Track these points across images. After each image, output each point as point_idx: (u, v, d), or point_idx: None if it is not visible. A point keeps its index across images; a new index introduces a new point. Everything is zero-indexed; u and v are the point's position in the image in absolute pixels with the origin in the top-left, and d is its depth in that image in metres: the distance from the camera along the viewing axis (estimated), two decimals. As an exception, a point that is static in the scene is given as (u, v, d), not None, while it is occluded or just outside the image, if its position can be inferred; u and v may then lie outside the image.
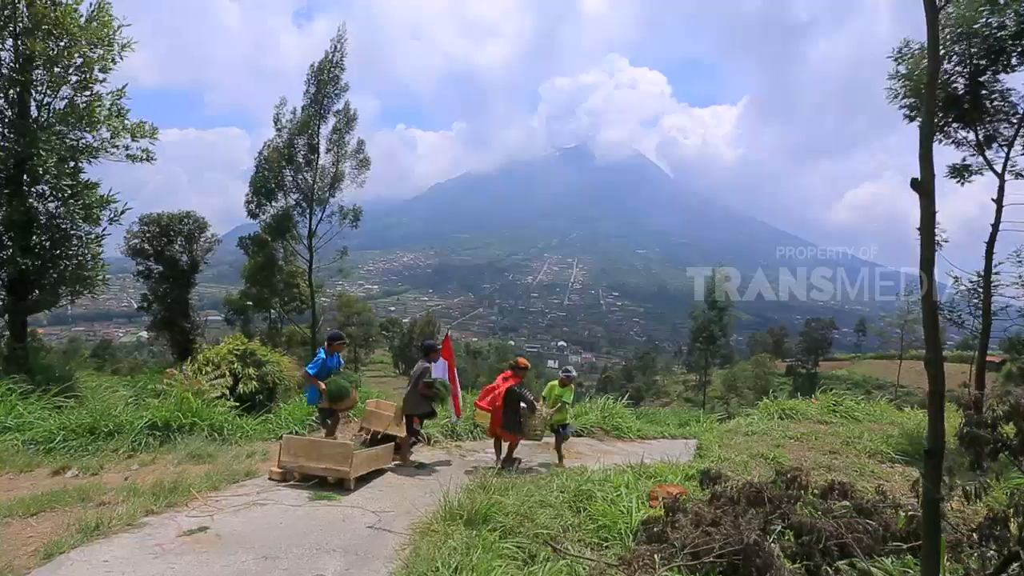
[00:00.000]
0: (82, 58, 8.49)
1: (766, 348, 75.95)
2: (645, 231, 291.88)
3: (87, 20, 8.44)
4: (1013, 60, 7.71)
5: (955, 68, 8.01)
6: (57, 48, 8.04)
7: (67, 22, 7.89)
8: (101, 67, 8.67)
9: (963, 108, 8.02)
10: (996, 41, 7.52)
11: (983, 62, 7.82)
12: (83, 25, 8.35)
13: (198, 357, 11.72)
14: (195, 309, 20.63)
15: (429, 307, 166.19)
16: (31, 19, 7.79)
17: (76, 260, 8.80)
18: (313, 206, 13.11)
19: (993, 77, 7.89)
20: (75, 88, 8.67)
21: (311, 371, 5.92)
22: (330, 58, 12.70)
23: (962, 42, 7.87)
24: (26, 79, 7.88)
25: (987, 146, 8.10)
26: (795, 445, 7.48)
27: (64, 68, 8.26)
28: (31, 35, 7.77)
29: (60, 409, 7.00)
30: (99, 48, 8.61)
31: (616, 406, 11.31)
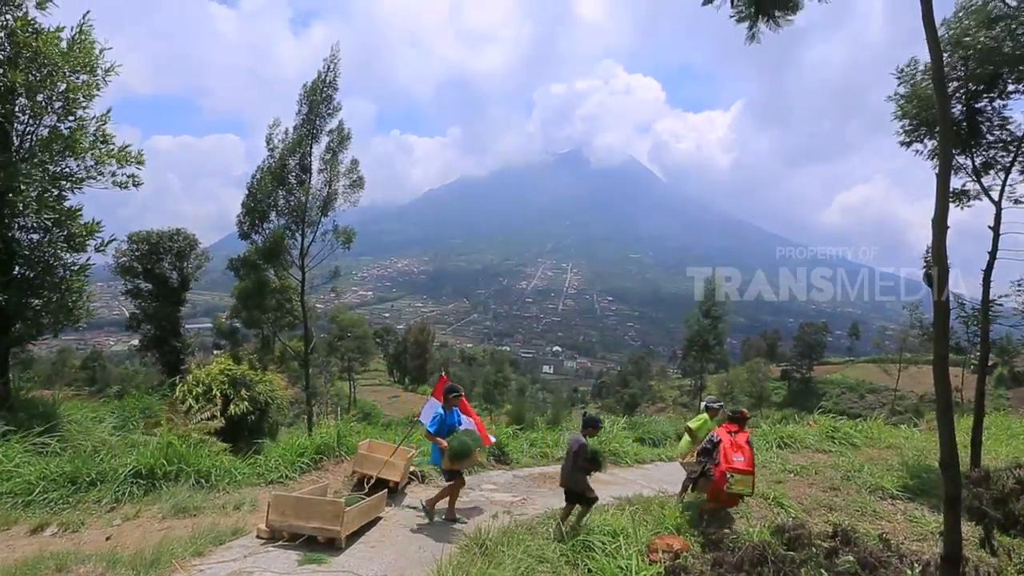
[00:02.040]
0: (65, 84, 8.30)
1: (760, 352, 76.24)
2: (639, 236, 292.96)
3: (69, 46, 8.24)
4: (1009, 86, 7.69)
5: (952, 93, 7.97)
6: (39, 76, 7.83)
7: (48, 50, 7.69)
8: (85, 93, 8.46)
9: (960, 134, 7.99)
10: (992, 65, 7.49)
11: (980, 87, 7.80)
12: (65, 51, 8.15)
13: (187, 378, 11.53)
14: (185, 327, 20.36)
15: (424, 313, 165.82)
16: (12, 48, 7.59)
17: (60, 291, 8.56)
18: (305, 228, 12.91)
19: (990, 103, 7.87)
20: (59, 114, 8.46)
21: (431, 429, 5.60)
22: (323, 78, 12.55)
23: (959, 67, 7.84)
24: (7, 110, 7.67)
25: (984, 172, 8.07)
26: (795, 480, 7.37)
27: (47, 97, 8.05)
28: (12, 65, 7.57)
29: (42, 453, 6.78)
30: (82, 74, 8.42)
31: (613, 429, 11.20)
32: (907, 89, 8.48)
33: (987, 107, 7.94)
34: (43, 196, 7.96)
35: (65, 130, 8.44)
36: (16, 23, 7.53)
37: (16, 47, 7.58)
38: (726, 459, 5.57)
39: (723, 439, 5.71)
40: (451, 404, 5.89)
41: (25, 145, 8.15)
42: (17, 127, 8.01)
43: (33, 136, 8.28)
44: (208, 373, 11.49)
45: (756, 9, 4.15)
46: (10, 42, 7.55)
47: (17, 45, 7.58)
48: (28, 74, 7.64)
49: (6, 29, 7.52)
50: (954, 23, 7.78)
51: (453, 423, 5.79)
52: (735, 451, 5.59)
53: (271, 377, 13.20)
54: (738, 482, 5.54)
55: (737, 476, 5.51)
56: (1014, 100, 7.68)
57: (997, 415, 17.82)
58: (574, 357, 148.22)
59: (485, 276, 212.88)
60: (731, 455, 5.57)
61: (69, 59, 8.05)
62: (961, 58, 7.79)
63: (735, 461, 5.53)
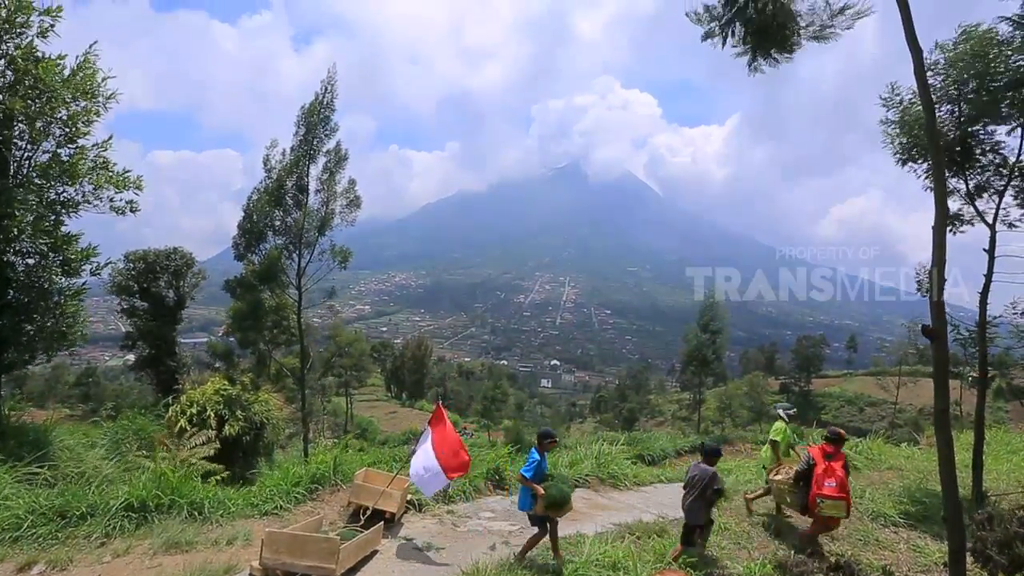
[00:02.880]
0: (66, 111, 8.33)
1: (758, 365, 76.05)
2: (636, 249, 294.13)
3: (71, 73, 8.29)
4: (1003, 111, 7.77)
5: (945, 117, 8.06)
6: (39, 103, 7.86)
7: (49, 78, 7.73)
8: (84, 120, 8.50)
9: (953, 157, 8.06)
10: (986, 92, 7.58)
11: (973, 112, 7.87)
12: (66, 78, 8.20)
13: (181, 399, 11.42)
14: (181, 341, 20.22)
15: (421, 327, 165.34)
16: (12, 76, 7.63)
17: (54, 316, 8.50)
18: (302, 248, 12.90)
19: (983, 128, 7.94)
20: (58, 141, 8.48)
21: (527, 475, 5.36)
22: (320, 99, 12.65)
23: (952, 90, 7.93)
24: (5, 136, 7.69)
25: (978, 196, 8.13)
26: (797, 507, 7.29)
27: (45, 123, 8.08)
28: (12, 92, 7.61)
29: (33, 482, 6.68)
30: (83, 101, 8.46)
31: (612, 451, 11.10)
32: (896, 114, 8.59)
33: (980, 131, 8.02)
34: (39, 222, 7.95)
35: (65, 156, 8.47)
36: (17, 51, 7.57)
37: (17, 74, 7.63)
38: (817, 485, 5.66)
39: (818, 463, 5.77)
40: (544, 448, 5.66)
41: (22, 171, 8.16)
42: (15, 153, 8.02)
43: (31, 162, 8.29)
44: (203, 393, 11.40)
45: (754, 48, 4.20)
46: (11, 70, 7.60)
47: (18, 72, 7.63)
48: (28, 101, 7.67)
49: (7, 57, 7.56)
50: (948, 47, 7.89)
51: (545, 468, 5.61)
52: (827, 477, 5.64)
53: (266, 396, 13.11)
54: (829, 507, 5.60)
55: (828, 501, 5.58)
56: (1007, 125, 7.72)
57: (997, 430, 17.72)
58: (572, 371, 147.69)
59: (483, 290, 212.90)
60: (823, 481, 5.64)
61: (70, 86, 8.09)
62: (954, 81, 7.89)
63: (826, 487, 5.60)
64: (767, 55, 4.31)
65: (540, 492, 5.24)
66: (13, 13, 7.56)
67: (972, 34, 7.56)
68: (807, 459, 5.95)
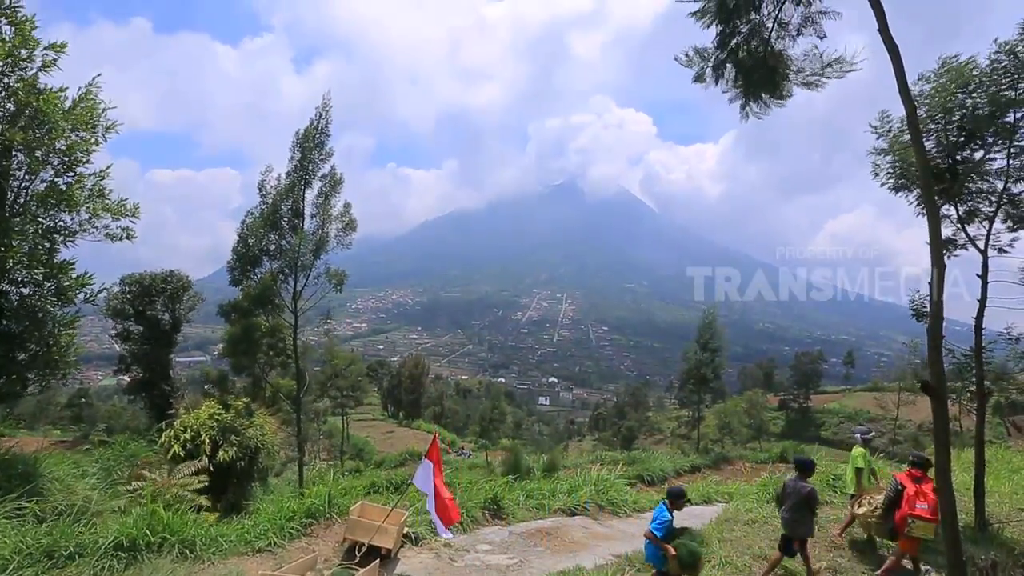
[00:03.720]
0: (65, 141, 8.38)
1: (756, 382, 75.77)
2: (633, 265, 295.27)
3: (72, 105, 8.36)
4: (988, 139, 7.91)
5: (932, 146, 8.19)
6: (38, 134, 7.91)
7: (50, 110, 7.79)
8: (83, 149, 8.54)
9: (942, 184, 8.17)
10: (971, 121, 7.73)
11: (960, 139, 8.02)
12: (67, 110, 8.27)
13: (175, 424, 11.28)
14: (176, 360, 20.07)
15: (418, 345, 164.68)
16: (14, 108, 7.69)
17: (47, 345, 8.44)
18: (298, 272, 12.89)
19: (971, 155, 8.08)
20: (57, 170, 8.52)
21: (659, 534, 5.34)
22: (315, 125, 12.79)
23: (938, 120, 8.08)
24: (3, 167, 7.72)
25: (968, 221, 8.23)
26: (799, 538, 7.20)
27: (45, 153, 8.12)
28: (12, 123, 7.66)
29: (21, 517, 6.54)
30: (83, 132, 8.52)
31: (610, 478, 10.98)
32: (886, 142, 8.73)
33: (968, 157, 8.15)
34: (34, 251, 7.94)
35: (63, 185, 8.49)
36: (20, 84, 7.65)
37: (18, 106, 7.69)
38: (909, 505, 5.76)
39: (908, 486, 5.88)
40: (676, 507, 5.58)
41: (20, 200, 8.17)
42: (12, 183, 8.04)
43: (28, 191, 8.31)
44: (197, 418, 11.27)
45: (746, 92, 4.29)
46: (12, 102, 7.66)
47: (19, 105, 7.70)
48: (27, 132, 7.72)
49: (8, 90, 7.63)
50: (933, 78, 8.07)
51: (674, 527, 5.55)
52: (919, 499, 5.74)
53: (261, 420, 12.96)
54: (919, 527, 5.67)
55: (919, 522, 5.65)
56: (995, 151, 7.85)
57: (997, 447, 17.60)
58: (570, 388, 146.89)
59: (480, 307, 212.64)
60: (915, 501, 5.74)
61: (70, 118, 8.15)
62: (940, 110, 8.04)
63: (918, 508, 5.69)
64: (758, 99, 4.39)
65: (671, 552, 5.22)
66: (17, 47, 7.66)
67: (952, 66, 7.76)
68: (895, 485, 6.08)
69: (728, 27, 4.07)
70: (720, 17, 4.05)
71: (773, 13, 4.07)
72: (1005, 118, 7.60)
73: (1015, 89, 7.46)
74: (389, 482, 19.99)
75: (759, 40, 3.97)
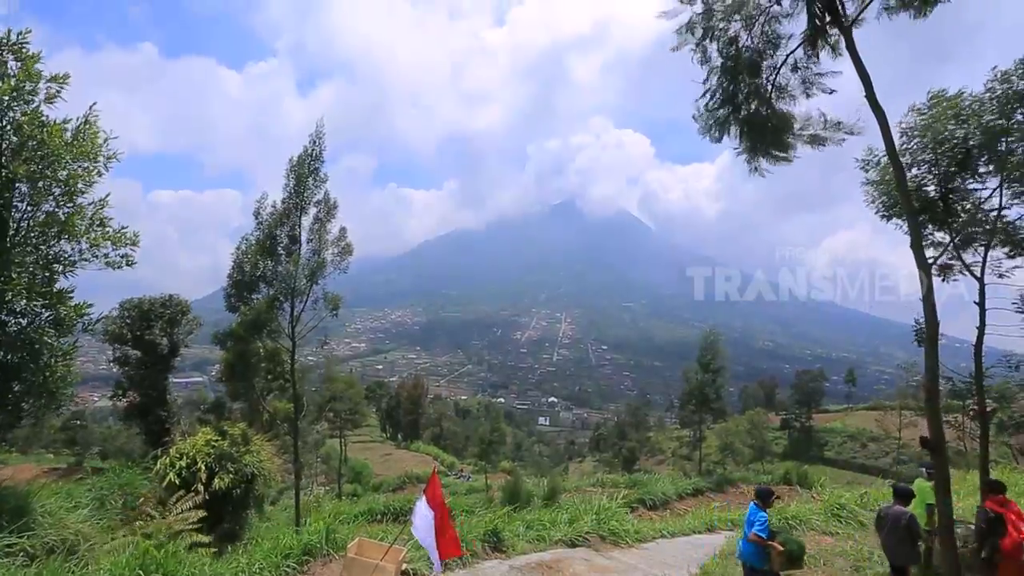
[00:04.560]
0: (67, 171, 8.44)
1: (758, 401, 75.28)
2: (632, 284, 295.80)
3: (73, 136, 8.45)
4: (980, 168, 8.02)
5: (925, 175, 8.30)
6: (41, 166, 7.98)
7: (53, 142, 7.87)
8: (85, 180, 8.60)
9: (936, 212, 8.25)
10: (963, 151, 7.84)
11: (952, 169, 8.12)
12: (69, 141, 8.35)
13: (171, 451, 11.15)
14: (174, 381, 19.90)
15: (417, 365, 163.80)
16: (17, 140, 7.77)
17: (43, 376, 8.37)
18: (294, 299, 12.88)
19: (963, 184, 8.18)
20: (58, 200, 8.56)
21: (763, 535, 5.53)
22: (310, 151, 12.93)
23: (929, 151, 8.20)
24: (6, 199, 7.76)
25: (964, 248, 8.28)
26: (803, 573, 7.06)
27: (47, 184, 8.18)
28: (16, 155, 7.73)
29: (12, 554, 6.42)
30: (84, 162, 8.59)
31: (612, 506, 10.81)
32: (876, 174, 8.84)
33: (960, 186, 8.24)
34: (33, 281, 7.94)
35: (63, 215, 8.53)
36: (24, 117, 7.74)
37: (22, 139, 7.77)
38: (1018, 530, 5.61)
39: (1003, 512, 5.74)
40: (770, 505, 5.87)
41: (21, 230, 8.20)
42: (15, 214, 8.08)
43: (30, 221, 8.34)
44: (193, 445, 11.15)
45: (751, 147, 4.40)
46: (17, 135, 7.74)
47: (23, 137, 7.77)
48: (31, 164, 7.79)
49: (14, 124, 7.71)
50: (923, 111, 8.21)
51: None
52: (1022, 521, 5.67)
53: (258, 447, 12.81)
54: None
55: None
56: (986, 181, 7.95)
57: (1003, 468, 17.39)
58: (570, 408, 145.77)
59: (479, 327, 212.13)
60: (1021, 525, 5.61)
61: (72, 149, 8.23)
62: (931, 141, 8.16)
63: None
64: (766, 153, 4.51)
65: (779, 549, 5.44)
66: (22, 81, 7.77)
67: (942, 98, 7.90)
68: (985, 516, 5.87)
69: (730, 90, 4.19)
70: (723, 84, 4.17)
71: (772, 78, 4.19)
72: (997, 147, 7.72)
73: (1007, 118, 7.60)
74: (387, 508, 19.68)
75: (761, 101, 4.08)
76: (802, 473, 25.78)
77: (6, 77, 7.59)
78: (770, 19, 4.44)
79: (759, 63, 4.28)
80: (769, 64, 4.36)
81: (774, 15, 4.47)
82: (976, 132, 7.75)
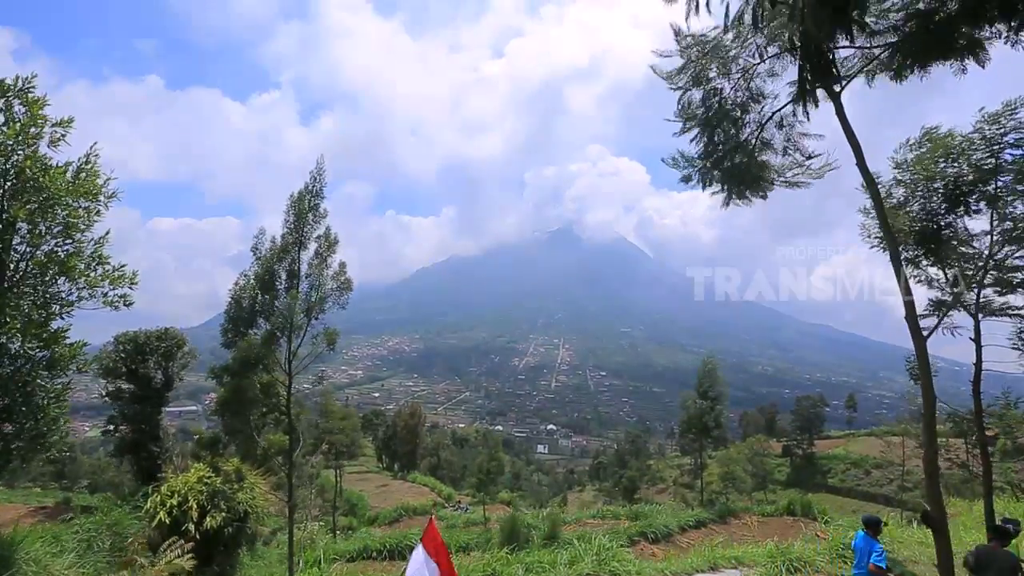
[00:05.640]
0: (66, 210, 8.49)
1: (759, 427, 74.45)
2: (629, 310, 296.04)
3: (74, 176, 8.53)
4: (972, 205, 8.15)
5: (916, 210, 8.43)
6: (42, 208, 8.03)
7: (54, 185, 7.95)
8: (85, 220, 8.65)
9: (930, 248, 8.35)
10: (955, 188, 7.99)
11: (944, 206, 8.25)
12: (70, 181, 8.43)
13: (162, 489, 10.90)
14: (165, 427, 19.56)
15: (414, 392, 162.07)
16: (19, 183, 7.84)
17: (35, 419, 8.24)
18: (292, 335, 12.80)
19: (955, 220, 8.29)
20: (57, 240, 8.59)
21: (883, 565, 5.87)
22: (310, 188, 13.02)
23: (921, 188, 8.35)
24: (5, 241, 7.79)
25: (957, 285, 8.35)
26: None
27: (47, 226, 8.22)
28: (16, 198, 7.79)
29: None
30: (85, 202, 8.65)
31: (612, 546, 10.56)
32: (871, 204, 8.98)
33: (953, 222, 8.36)
34: (30, 323, 7.90)
35: (62, 254, 8.55)
36: (26, 161, 7.83)
37: (24, 182, 7.84)
38: None
39: None
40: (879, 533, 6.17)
41: (19, 271, 8.20)
42: (13, 255, 8.09)
43: (28, 261, 8.35)
44: (185, 482, 10.91)
45: (730, 192, 4.52)
46: (18, 179, 7.81)
47: (25, 181, 7.85)
48: (30, 206, 7.84)
49: (17, 167, 7.80)
50: (916, 147, 8.39)
51: None
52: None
53: (253, 482, 12.55)
54: None
55: None
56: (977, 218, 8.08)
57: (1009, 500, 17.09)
58: (569, 435, 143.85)
59: (477, 354, 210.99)
60: None
61: (73, 190, 8.31)
62: (923, 178, 8.32)
63: None
64: (742, 196, 4.63)
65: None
66: (26, 125, 7.90)
67: (935, 137, 8.09)
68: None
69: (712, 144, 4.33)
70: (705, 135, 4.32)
71: (756, 132, 4.33)
72: (987, 185, 7.87)
73: (996, 158, 7.77)
74: (383, 546, 19.20)
75: (744, 153, 4.22)
76: (806, 503, 25.34)
77: (11, 122, 7.72)
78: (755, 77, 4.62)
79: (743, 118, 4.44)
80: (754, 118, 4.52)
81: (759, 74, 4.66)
82: (967, 171, 7.92)
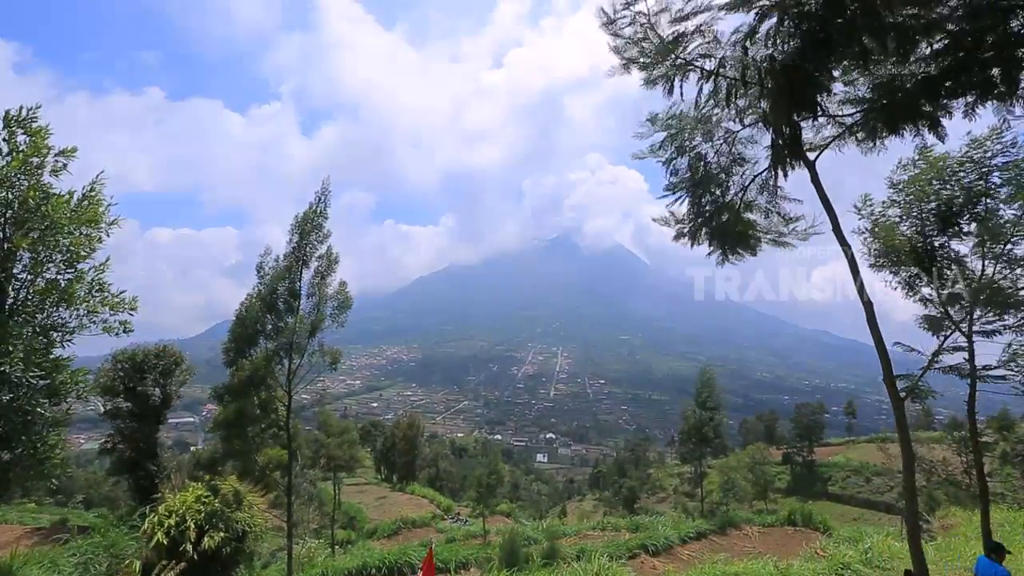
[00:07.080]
0: (68, 238, 8.55)
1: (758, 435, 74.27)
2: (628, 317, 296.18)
3: (76, 204, 8.59)
4: (963, 227, 8.26)
5: (910, 231, 8.54)
6: (44, 237, 8.08)
7: (56, 213, 8.01)
8: (87, 247, 8.70)
9: (923, 267, 8.45)
10: (948, 209, 8.11)
11: (935, 228, 8.37)
12: (73, 209, 8.49)
13: (159, 508, 10.87)
14: (163, 447, 19.49)
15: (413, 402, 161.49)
16: (21, 213, 7.89)
17: (34, 446, 8.24)
18: (292, 354, 12.88)
19: (947, 240, 8.41)
20: (58, 268, 8.63)
21: None
22: (314, 209, 13.17)
23: (915, 207, 8.47)
24: (7, 270, 7.84)
25: (951, 305, 8.45)
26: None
27: (48, 254, 8.27)
28: (18, 227, 7.85)
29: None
30: (86, 229, 8.71)
31: (612, 566, 10.56)
32: (867, 223, 9.11)
33: (946, 243, 8.48)
34: (31, 351, 7.92)
35: (63, 281, 8.59)
36: (29, 191, 7.89)
37: (26, 212, 7.90)
38: None
39: None
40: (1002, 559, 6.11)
41: (19, 299, 8.23)
42: (15, 283, 8.13)
43: (29, 289, 8.39)
44: (183, 501, 10.90)
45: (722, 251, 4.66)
46: (21, 208, 7.87)
47: (27, 211, 7.91)
48: (32, 235, 7.90)
49: (20, 197, 7.86)
50: (909, 166, 8.52)
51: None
52: None
53: (251, 500, 12.52)
54: None
55: None
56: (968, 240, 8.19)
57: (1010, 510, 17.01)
58: (568, 444, 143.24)
59: (476, 363, 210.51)
60: None
61: (75, 218, 8.37)
62: (916, 198, 8.44)
63: None
64: (734, 252, 4.77)
65: None
66: (30, 155, 7.97)
67: (928, 157, 8.22)
68: None
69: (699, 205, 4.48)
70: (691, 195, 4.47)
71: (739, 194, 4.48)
72: (977, 207, 8.00)
73: (985, 180, 7.91)
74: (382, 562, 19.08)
75: (731, 212, 4.36)
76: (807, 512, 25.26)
77: (15, 152, 7.80)
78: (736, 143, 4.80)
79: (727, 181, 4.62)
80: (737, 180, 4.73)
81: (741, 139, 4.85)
82: (958, 192, 8.05)
